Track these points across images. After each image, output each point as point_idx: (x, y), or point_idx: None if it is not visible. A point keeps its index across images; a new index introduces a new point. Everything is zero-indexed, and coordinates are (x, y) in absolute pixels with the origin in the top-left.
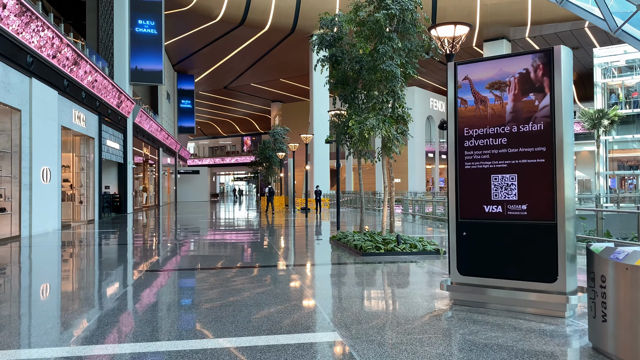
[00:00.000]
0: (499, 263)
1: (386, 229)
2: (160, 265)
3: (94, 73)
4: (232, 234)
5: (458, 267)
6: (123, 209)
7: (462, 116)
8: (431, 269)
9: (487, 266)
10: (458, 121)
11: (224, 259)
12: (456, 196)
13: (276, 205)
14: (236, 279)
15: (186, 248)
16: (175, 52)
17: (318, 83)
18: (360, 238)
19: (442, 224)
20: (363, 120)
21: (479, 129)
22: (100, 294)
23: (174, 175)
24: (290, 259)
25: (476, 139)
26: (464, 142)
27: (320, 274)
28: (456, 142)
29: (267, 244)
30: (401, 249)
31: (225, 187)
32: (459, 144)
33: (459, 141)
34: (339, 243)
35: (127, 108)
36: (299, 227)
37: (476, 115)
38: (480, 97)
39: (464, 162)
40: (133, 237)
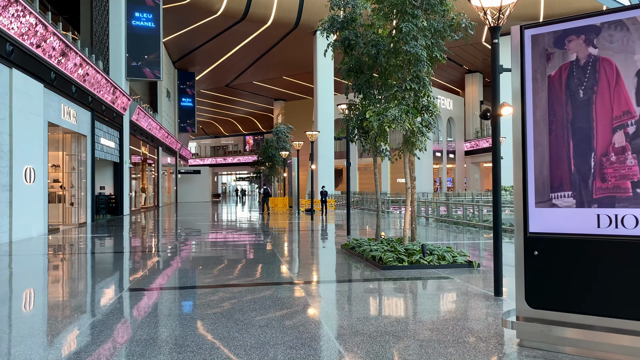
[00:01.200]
0: (589, 294)
1: (407, 236)
2: (145, 281)
3: (85, 66)
4: (231, 240)
5: (527, 298)
6: (119, 210)
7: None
8: (469, 287)
9: (571, 298)
10: (548, 96)
11: (221, 273)
12: (524, 200)
13: (280, 206)
14: (232, 304)
15: (178, 258)
16: (176, 48)
17: (323, 79)
18: (378, 248)
19: (460, 227)
20: (383, 111)
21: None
22: (56, 326)
23: (174, 175)
24: (298, 274)
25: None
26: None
27: (336, 296)
28: (524, 127)
29: (271, 253)
30: (428, 262)
31: (228, 187)
32: (538, 127)
33: (539, 122)
34: (352, 252)
35: (123, 104)
36: (304, 232)
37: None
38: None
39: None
40: (123, 243)
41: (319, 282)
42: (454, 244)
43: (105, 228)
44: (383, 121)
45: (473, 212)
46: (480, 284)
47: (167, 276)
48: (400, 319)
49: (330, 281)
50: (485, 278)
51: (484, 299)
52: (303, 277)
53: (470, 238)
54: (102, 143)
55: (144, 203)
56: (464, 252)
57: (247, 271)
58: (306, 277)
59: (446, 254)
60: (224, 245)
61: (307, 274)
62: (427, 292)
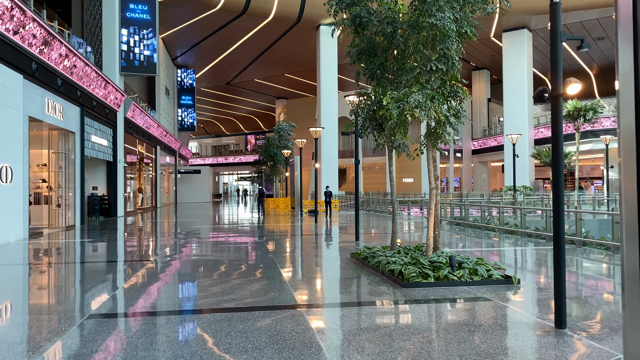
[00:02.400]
0: None
1: (431, 246)
2: (115, 303)
3: (72, 57)
4: (227, 247)
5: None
6: (113, 212)
7: None
8: (516, 313)
9: None
10: None
11: (209, 290)
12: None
13: (281, 207)
14: (217, 340)
15: (163, 271)
16: (174, 44)
17: (326, 76)
18: (397, 259)
19: (476, 231)
20: (403, 97)
21: None
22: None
23: (174, 175)
24: (301, 294)
25: None
26: None
27: (351, 327)
28: None
29: (270, 263)
30: (458, 277)
31: (229, 187)
32: None
33: None
34: (365, 264)
35: (116, 100)
36: (308, 237)
37: None
38: None
39: None
40: (106, 250)
41: (328, 305)
42: (477, 252)
43: (93, 231)
44: (404, 109)
45: (489, 214)
46: (529, 308)
47: (144, 295)
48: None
49: (343, 304)
50: (531, 299)
51: (541, 331)
52: (308, 297)
53: (493, 244)
54: (94, 141)
55: (141, 204)
56: (499, 264)
57: (242, 288)
58: (312, 298)
59: (478, 267)
60: (218, 253)
61: (312, 294)
62: (464, 319)
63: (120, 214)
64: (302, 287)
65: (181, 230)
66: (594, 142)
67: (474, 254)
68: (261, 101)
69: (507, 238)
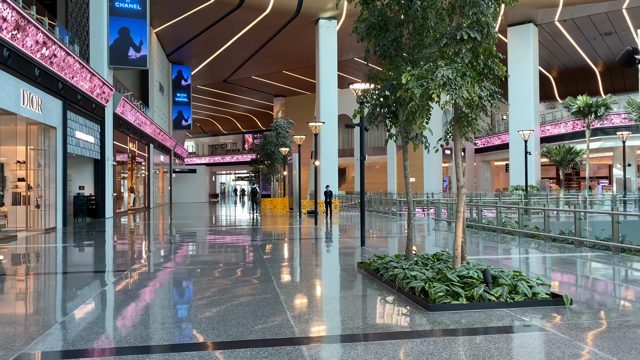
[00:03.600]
0: None
1: (459, 257)
2: (62, 334)
3: (51, 45)
4: (217, 253)
5: None
6: (100, 212)
7: None
8: (589, 353)
9: None
10: None
11: (188, 315)
12: None
13: (279, 208)
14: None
15: (137, 287)
16: (169, 39)
17: (326, 72)
18: (417, 273)
19: (491, 234)
20: (427, 73)
21: None
22: None
23: (168, 174)
24: (301, 321)
25: None
26: None
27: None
28: None
29: (264, 276)
30: (496, 297)
31: (227, 187)
32: None
33: None
34: (376, 277)
35: (104, 95)
36: (308, 242)
37: None
38: None
39: None
40: (79, 257)
41: (336, 339)
42: (502, 260)
43: (75, 235)
44: (428, 87)
45: (505, 215)
46: (602, 343)
47: (104, 323)
48: None
49: (353, 337)
50: (596, 327)
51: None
52: (310, 326)
53: (516, 250)
54: (78, 137)
55: (133, 204)
56: (542, 279)
57: (228, 312)
58: (315, 328)
59: (519, 283)
60: (204, 263)
61: (316, 321)
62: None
63: (109, 215)
64: (302, 311)
65: (167, 234)
66: (603, 140)
67: (501, 264)
68: (259, 99)
69: (528, 243)
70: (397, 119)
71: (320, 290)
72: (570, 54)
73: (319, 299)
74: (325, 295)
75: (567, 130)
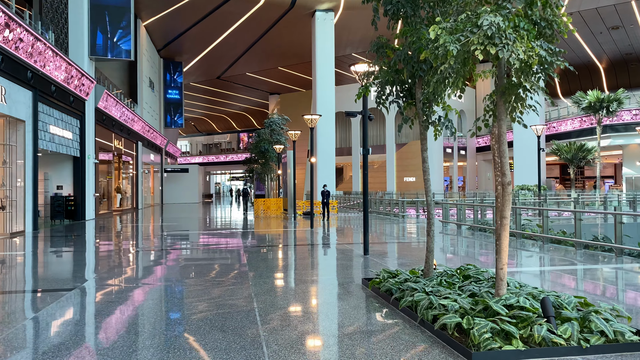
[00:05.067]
0: None
1: (504, 279)
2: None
3: (15, 27)
4: (198, 264)
5: None
6: (80, 214)
7: None
8: None
9: None
10: None
11: (148, 357)
12: None
13: (273, 209)
14: None
15: (83, 312)
16: (159, 33)
17: (322, 67)
18: (449, 302)
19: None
20: (464, 24)
21: None
22: None
23: (159, 174)
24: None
25: None
26: None
27: None
28: None
29: (246, 302)
30: (565, 339)
31: (222, 187)
32: None
33: None
34: (389, 302)
35: (83, 87)
36: (302, 249)
37: None
38: None
39: None
40: (32, 268)
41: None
42: (538, 273)
43: (43, 240)
44: (470, 41)
45: (526, 218)
46: None
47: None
48: None
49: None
50: None
51: None
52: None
53: (549, 260)
54: (53, 132)
55: (120, 205)
56: (618, 309)
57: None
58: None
59: (591, 316)
60: (174, 280)
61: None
62: None
63: (90, 217)
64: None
65: (146, 238)
66: (612, 138)
67: (541, 280)
68: (254, 97)
69: (556, 250)
70: (413, 98)
71: (315, 322)
72: (574, 50)
73: (314, 338)
74: (322, 330)
75: (574, 128)
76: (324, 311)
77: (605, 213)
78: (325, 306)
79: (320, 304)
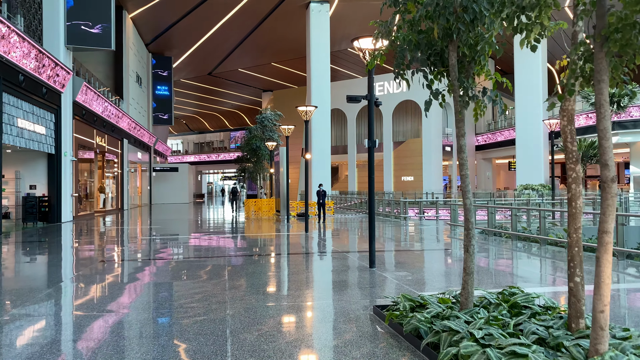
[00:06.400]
0: None
1: (605, 321)
2: None
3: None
4: (166, 286)
5: None
6: (55, 216)
7: None
8: None
9: None
10: None
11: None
12: None
13: (264, 210)
14: None
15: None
16: (147, 26)
17: (317, 62)
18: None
19: (529, 246)
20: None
21: None
22: None
23: (148, 173)
24: None
25: None
26: None
27: None
28: None
29: (218, 345)
30: None
31: (214, 187)
32: None
33: None
34: (420, 347)
35: (58, 78)
36: (296, 260)
37: None
38: None
39: None
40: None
41: None
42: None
43: (2, 248)
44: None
45: (550, 222)
46: None
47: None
48: None
49: None
50: None
51: None
52: None
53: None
54: (21, 126)
55: (103, 205)
56: None
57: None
58: None
59: None
60: (142, 304)
61: None
62: None
63: (67, 219)
64: None
65: (117, 246)
66: (620, 135)
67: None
68: (247, 94)
69: (589, 255)
70: (444, 65)
71: None
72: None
73: None
74: None
75: (579, 125)
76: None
77: None
78: (328, 357)
79: (319, 347)
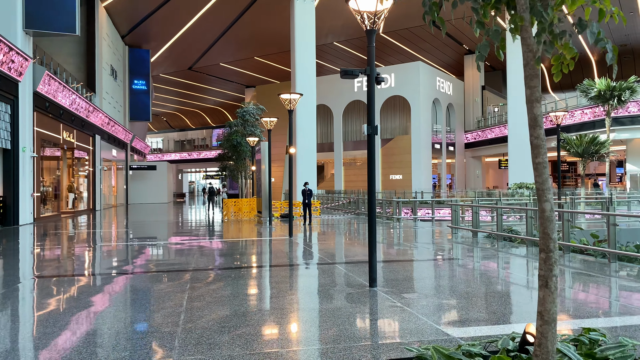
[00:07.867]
0: None
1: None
2: None
3: None
4: (114, 317)
5: None
6: (11, 218)
7: None
8: None
9: None
10: None
11: None
12: None
13: (245, 210)
14: None
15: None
16: (123, 16)
17: (302, 56)
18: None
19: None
20: None
21: None
22: None
23: (124, 171)
24: None
25: None
26: None
27: None
28: None
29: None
30: None
31: (196, 186)
32: None
33: None
34: None
35: (14, 65)
36: (278, 275)
37: None
38: None
39: None
40: None
41: None
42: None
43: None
44: None
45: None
46: None
47: None
48: None
49: None
50: None
51: None
52: None
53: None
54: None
55: (73, 206)
56: None
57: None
58: None
59: None
60: (82, 333)
61: None
62: None
63: (26, 221)
64: None
65: (66, 254)
66: (617, 131)
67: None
68: (229, 90)
69: (625, 268)
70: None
71: None
72: None
73: None
74: None
75: (574, 121)
76: None
77: None
78: None
79: None
